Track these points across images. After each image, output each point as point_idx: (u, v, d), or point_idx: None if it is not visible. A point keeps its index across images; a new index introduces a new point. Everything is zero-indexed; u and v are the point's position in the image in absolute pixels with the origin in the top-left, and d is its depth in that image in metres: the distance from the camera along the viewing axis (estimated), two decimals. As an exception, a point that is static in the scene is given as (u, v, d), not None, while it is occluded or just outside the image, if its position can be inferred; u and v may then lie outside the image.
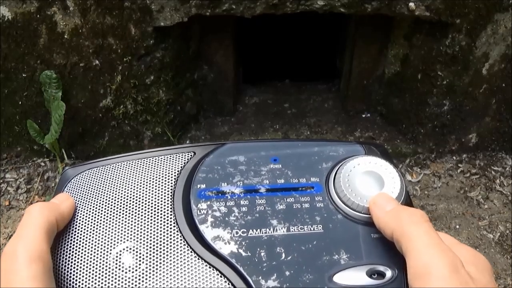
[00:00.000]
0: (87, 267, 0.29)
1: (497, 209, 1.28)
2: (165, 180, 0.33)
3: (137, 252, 0.29)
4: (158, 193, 0.33)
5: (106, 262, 0.29)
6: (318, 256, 0.29)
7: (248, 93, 1.66)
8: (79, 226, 0.31)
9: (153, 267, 0.29)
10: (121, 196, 0.32)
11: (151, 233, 0.30)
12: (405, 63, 1.37)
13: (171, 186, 0.33)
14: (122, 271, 0.29)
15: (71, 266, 0.29)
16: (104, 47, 1.17)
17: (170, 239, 0.30)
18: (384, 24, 1.34)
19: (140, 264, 0.29)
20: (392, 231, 0.28)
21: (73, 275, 0.29)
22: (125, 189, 0.33)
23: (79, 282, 0.28)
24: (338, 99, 1.63)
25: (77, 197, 0.33)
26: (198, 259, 0.29)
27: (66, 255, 0.30)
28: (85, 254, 0.29)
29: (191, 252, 0.29)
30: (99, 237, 0.30)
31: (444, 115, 1.36)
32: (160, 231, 0.30)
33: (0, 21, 1.13)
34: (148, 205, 0.32)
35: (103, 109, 1.28)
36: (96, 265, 0.29)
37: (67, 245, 0.30)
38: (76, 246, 0.30)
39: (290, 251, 0.29)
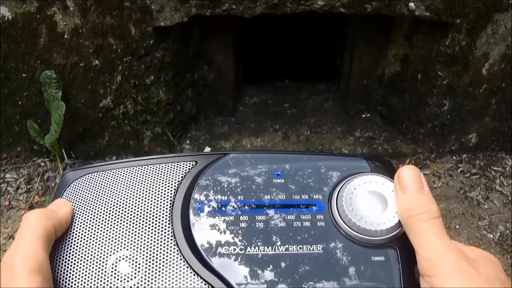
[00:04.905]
0: (84, 275, 0.29)
1: (497, 209, 1.28)
2: (165, 190, 0.33)
3: (132, 264, 0.29)
4: (158, 203, 0.32)
5: (103, 272, 0.29)
6: (316, 278, 0.29)
7: (248, 93, 1.66)
8: (76, 233, 0.31)
9: (147, 282, 0.28)
10: (120, 204, 0.32)
11: (148, 246, 0.30)
12: (405, 63, 1.37)
13: (171, 197, 0.33)
14: (119, 280, 0.29)
15: (69, 274, 0.29)
16: (104, 47, 1.17)
17: (167, 253, 0.30)
18: (384, 24, 1.34)
19: (134, 277, 0.29)
20: (401, 218, 0.30)
21: (71, 283, 0.29)
22: (124, 197, 0.33)
23: None
24: (338, 99, 1.63)
25: (75, 202, 0.33)
26: (194, 275, 0.29)
27: (64, 263, 0.30)
28: (82, 262, 0.29)
29: (187, 267, 0.29)
30: (96, 245, 0.30)
31: (444, 115, 1.36)
32: (157, 244, 0.30)
33: (0, 21, 1.13)
34: (147, 216, 0.31)
35: (103, 109, 1.28)
36: (93, 273, 0.29)
37: (65, 252, 0.30)
38: (74, 254, 0.30)
39: (287, 271, 0.29)
